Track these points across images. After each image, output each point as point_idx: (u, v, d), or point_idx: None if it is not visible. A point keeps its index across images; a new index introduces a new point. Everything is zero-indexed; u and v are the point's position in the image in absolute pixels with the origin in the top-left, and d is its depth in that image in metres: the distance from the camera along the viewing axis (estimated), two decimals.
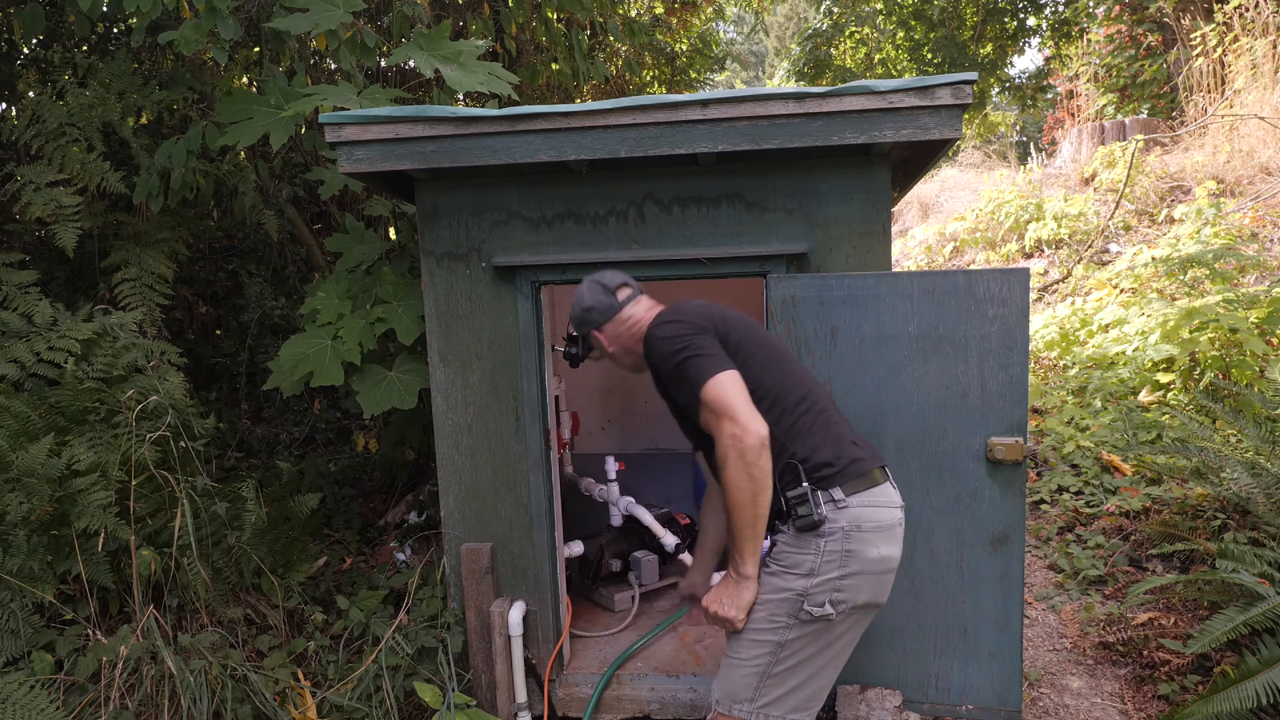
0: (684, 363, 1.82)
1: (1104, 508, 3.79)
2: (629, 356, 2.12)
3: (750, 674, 1.86)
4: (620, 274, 2.14)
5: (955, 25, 12.83)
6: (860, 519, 1.80)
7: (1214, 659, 2.64)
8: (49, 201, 3.26)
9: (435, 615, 2.81)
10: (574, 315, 2.14)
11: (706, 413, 1.78)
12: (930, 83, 2.18)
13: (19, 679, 2.12)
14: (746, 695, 1.87)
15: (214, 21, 3.02)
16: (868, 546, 1.80)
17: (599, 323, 2.09)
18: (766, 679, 1.86)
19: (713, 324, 1.90)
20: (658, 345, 1.89)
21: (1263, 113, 6.99)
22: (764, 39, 22.84)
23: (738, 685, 1.88)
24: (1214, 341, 4.39)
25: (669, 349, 1.86)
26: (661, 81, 8.63)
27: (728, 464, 1.72)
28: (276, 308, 4.53)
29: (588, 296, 2.10)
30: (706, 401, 1.77)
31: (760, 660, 1.85)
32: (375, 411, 2.90)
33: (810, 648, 1.83)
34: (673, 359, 1.84)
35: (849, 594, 1.80)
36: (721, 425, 1.73)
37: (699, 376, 1.79)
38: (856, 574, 1.79)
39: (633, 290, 2.11)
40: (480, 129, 2.36)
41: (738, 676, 1.88)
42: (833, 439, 1.86)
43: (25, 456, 2.49)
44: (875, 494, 1.84)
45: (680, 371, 1.83)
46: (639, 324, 2.06)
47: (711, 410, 1.76)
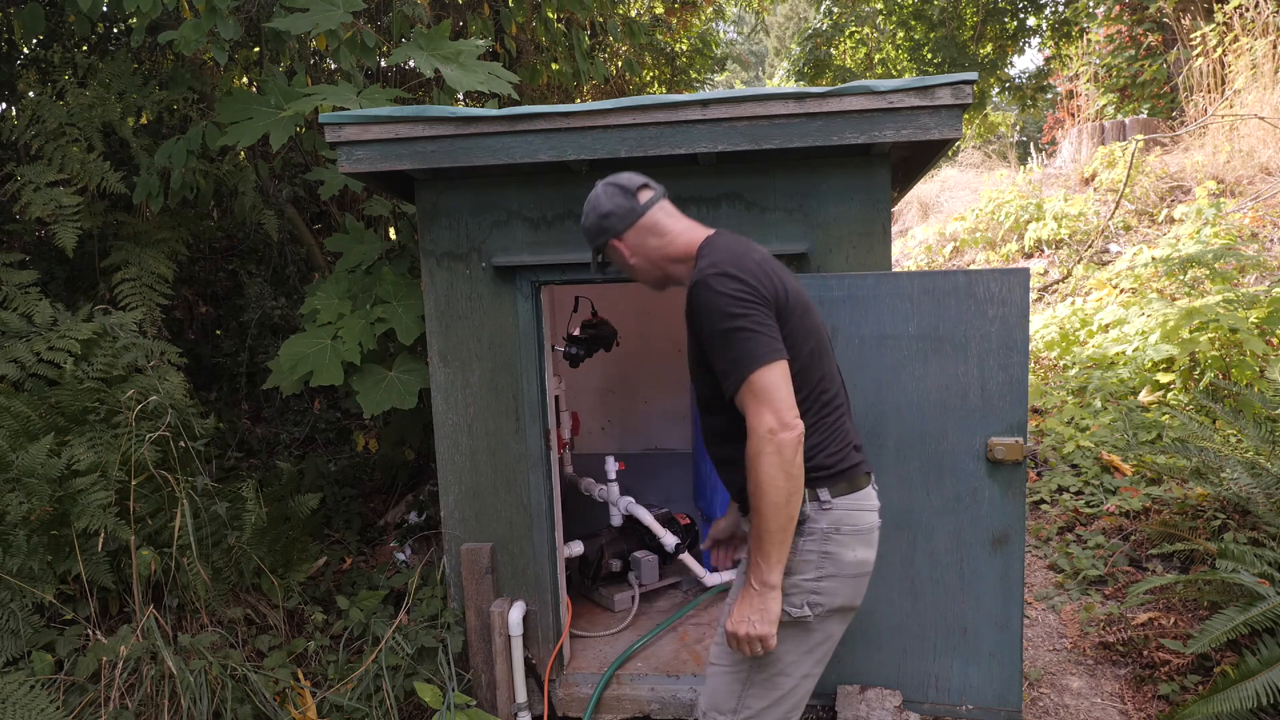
0: (735, 334, 1.65)
1: (1104, 508, 3.79)
2: (654, 272, 1.90)
3: (733, 681, 1.82)
4: (639, 174, 1.93)
5: (955, 25, 12.83)
6: (840, 521, 1.77)
7: (1214, 659, 2.64)
8: (49, 201, 3.25)
9: (435, 615, 2.81)
10: (588, 225, 1.91)
11: (747, 397, 1.65)
12: (930, 83, 2.18)
13: (19, 679, 2.12)
14: (730, 706, 1.82)
15: (214, 21, 3.02)
16: (845, 549, 1.77)
17: (618, 230, 1.86)
18: (749, 687, 1.81)
19: (774, 294, 1.71)
20: (711, 300, 1.67)
21: (1263, 113, 6.99)
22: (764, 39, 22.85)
23: (721, 694, 1.84)
24: (1214, 341, 4.39)
25: (724, 309, 1.66)
26: (661, 81, 8.63)
27: (763, 459, 1.61)
28: (276, 308, 4.52)
29: (604, 201, 1.88)
30: (754, 389, 1.63)
31: (742, 666, 1.81)
32: (375, 411, 2.90)
33: (791, 653, 1.79)
34: (724, 323, 1.66)
35: (826, 596, 1.77)
36: (762, 417, 1.62)
37: (751, 358, 1.63)
38: (833, 576, 1.77)
39: (655, 192, 1.90)
40: (480, 129, 2.36)
41: (721, 684, 1.84)
42: (839, 441, 1.81)
43: (25, 456, 2.49)
44: (858, 498, 1.81)
45: (729, 341, 1.66)
46: (674, 242, 1.86)
47: (755, 397, 1.63)
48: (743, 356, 1.64)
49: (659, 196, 1.89)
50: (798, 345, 1.72)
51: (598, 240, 1.90)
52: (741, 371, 1.64)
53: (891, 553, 2.41)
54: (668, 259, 1.87)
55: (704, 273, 1.70)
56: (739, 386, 1.65)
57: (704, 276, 1.69)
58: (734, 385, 1.66)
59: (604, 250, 1.91)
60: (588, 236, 1.93)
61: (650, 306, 3.99)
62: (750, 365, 1.63)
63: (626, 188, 1.87)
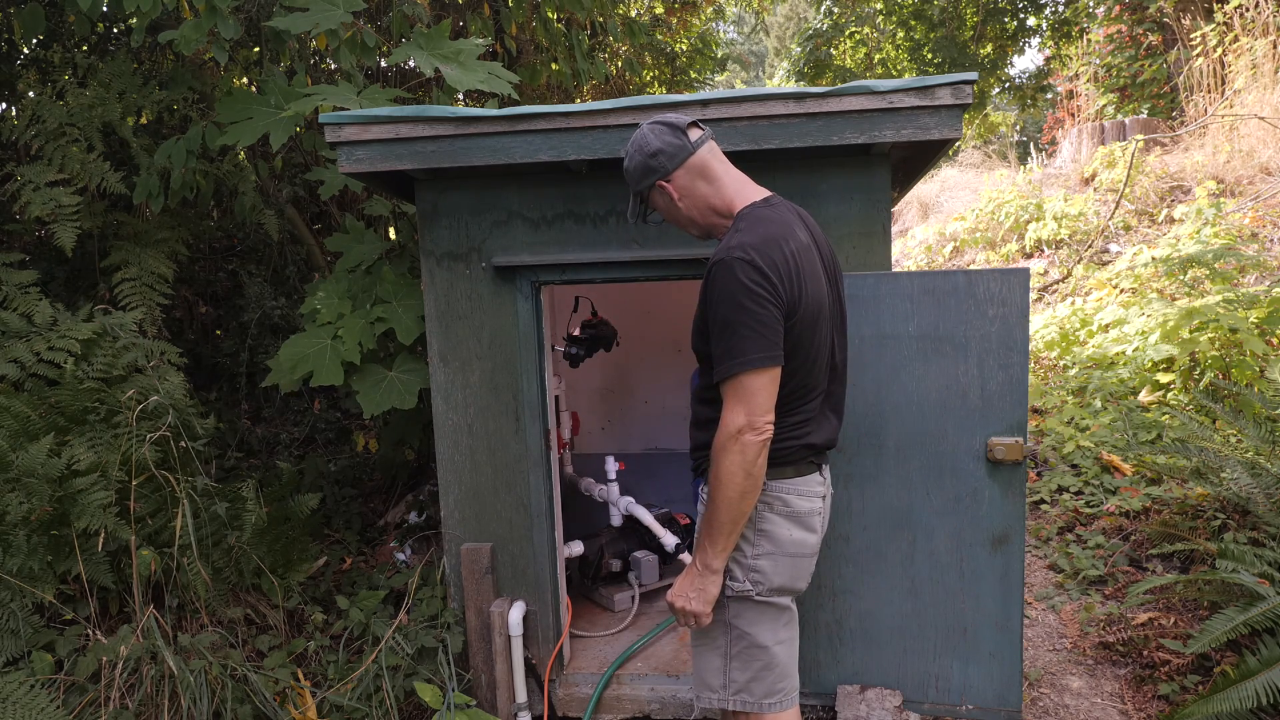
0: (740, 327, 1.63)
1: (1104, 508, 3.79)
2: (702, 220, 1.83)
3: (714, 656, 1.88)
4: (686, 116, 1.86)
5: (955, 25, 12.83)
6: (775, 502, 1.80)
7: (1214, 659, 2.64)
8: (49, 201, 3.25)
9: (435, 615, 2.81)
10: (633, 166, 1.81)
11: (729, 391, 1.66)
12: (930, 83, 2.18)
13: (19, 679, 2.12)
14: (718, 682, 1.88)
15: (214, 21, 3.02)
16: (779, 529, 1.80)
17: (667, 170, 1.78)
18: (730, 661, 1.86)
19: (791, 299, 1.67)
20: (728, 285, 1.64)
21: (1263, 113, 6.98)
22: (764, 39, 22.85)
23: (707, 672, 1.89)
24: (1214, 341, 4.39)
25: (737, 299, 1.63)
26: (661, 81, 8.63)
27: (726, 455, 1.64)
28: (276, 308, 4.52)
29: (652, 139, 1.78)
30: (737, 387, 1.64)
31: (719, 640, 1.86)
32: (375, 412, 2.90)
33: (750, 625, 1.84)
34: (733, 313, 1.63)
35: (765, 574, 1.81)
36: (736, 414, 1.64)
37: (745, 357, 1.63)
38: (770, 554, 1.80)
39: (705, 132, 1.81)
40: (480, 129, 2.36)
41: (705, 663, 1.89)
42: (798, 433, 1.80)
43: (25, 456, 2.49)
44: (799, 482, 1.82)
45: (731, 331, 1.64)
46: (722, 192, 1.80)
47: (736, 395, 1.65)
48: (738, 352, 1.63)
49: (708, 137, 1.81)
50: (790, 355, 1.71)
51: (644, 182, 1.81)
52: (733, 366, 1.65)
53: (891, 553, 2.41)
54: (712, 209, 1.82)
55: (730, 253, 1.65)
56: (724, 379, 1.67)
57: (729, 257, 1.65)
58: (721, 374, 1.68)
59: (648, 195, 1.83)
60: (632, 178, 1.83)
61: (650, 306, 3.99)
62: (742, 364, 1.63)
63: (675, 125, 1.79)
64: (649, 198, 1.85)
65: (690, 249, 2.50)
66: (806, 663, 2.38)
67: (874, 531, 2.41)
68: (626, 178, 1.87)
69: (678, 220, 1.87)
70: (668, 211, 1.86)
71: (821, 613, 2.47)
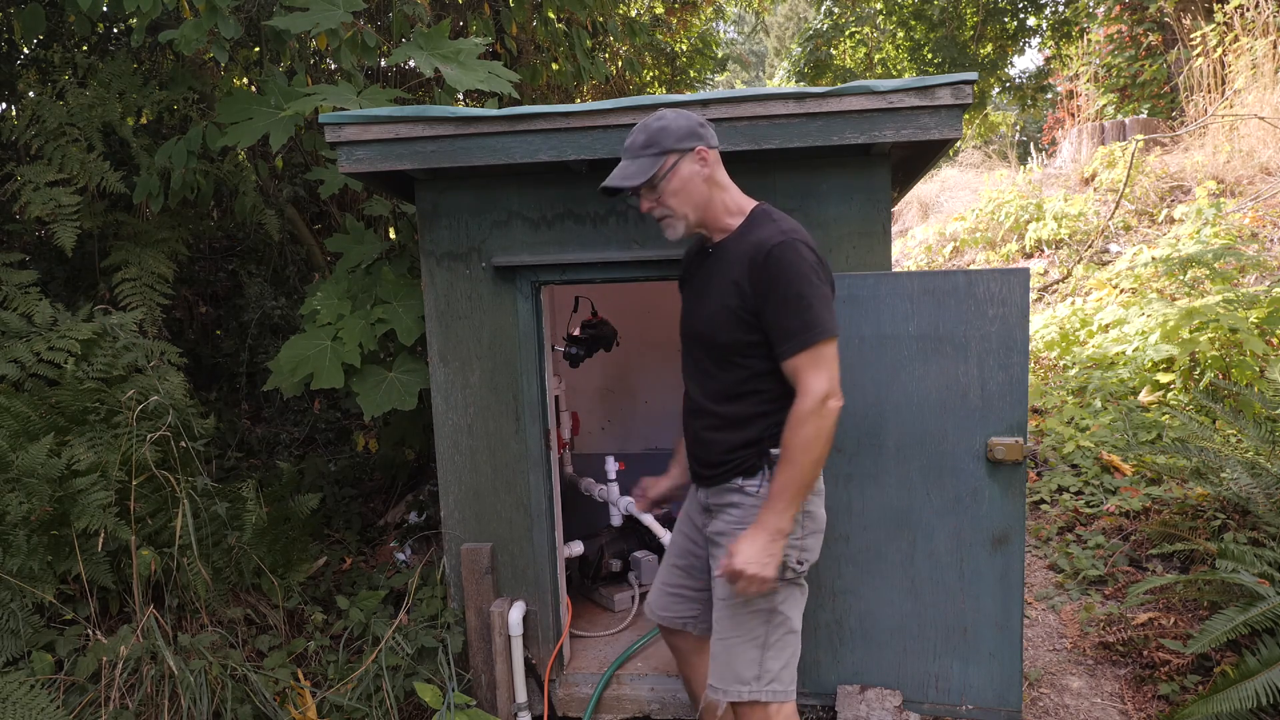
0: (813, 301, 1.75)
1: (1104, 508, 3.79)
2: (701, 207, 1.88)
3: (751, 649, 1.88)
4: None
5: (955, 25, 12.83)
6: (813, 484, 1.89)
7: (1214, 659, 2.64)
8: (49, 201, 3.25)
9: (435, 615, 2.81)
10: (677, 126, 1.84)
11: (808, 361, 1.75)
12: (930, 83, 2.18)
13: (19, 679, 2.12)
14: (752, 674, 1.88)
15: (214, 21, 3.01)
16: (816, 507, 1.92)
17: (710, 142, 1.87)
18: (767, 651, 1.89)
19: (830, 280, 1.85)
20: (797, 263, 1.75)
21: (1263, 113, 6.98)
22: (764, 39, 22.84)
23: (740, 664, 1.89)
24: (1214, 341, 4.38)
25: (806, 275, 1.75)
26: (661, 81, 8.63)
27: (813, 420, 1.73)
28: (276, 308, 4.53)
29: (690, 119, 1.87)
30: (817, 355, 1.75)
31: (758, 632, 1.88)
32: (375, 413, 2.90)
33: (792, 610, 1.90)
34: (805, 288, 1.74)
35: (809, 552, 1.89)
36: (820, 382, 1.74)
37: (823, 327, 1.75)
38: (813, 533, 1.91)
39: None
40: (480, 129, 2.36)
41: (738, 656, 1.89)
42: None
43: (25, 456, 2.49)
44: None
45: (805, 305, 1.74)
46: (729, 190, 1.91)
47: (816, 364, 1.75)
48: (816, 323, 1.75)
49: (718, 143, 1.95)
50: None
51: (687, 142, 1.83)
52: (812, 335, 1.75)
53: (891, 553, 2.41)
54: (719, 204, 1.90)
55: (789, 235, 1.78)
56: (803, 348, 1.75)
57: (790, 239, 1.77)
58: (798, 346, 1.76)
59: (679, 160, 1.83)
60: (671, 136, 1.83)
61: (650, 306, 3.99)
62: (821, 333, 1.75)
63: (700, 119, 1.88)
64: (676, 163, 1.84)
65: None
66: (806, 663, 2.38)
67: (874, 531, 2.41)
68: (658, 135, 1.83)
69: (689, 197, 1.86)
70: (685, 183, 1.85)
71: (821, 613, 2.46)
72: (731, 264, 1.85)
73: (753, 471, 1.90)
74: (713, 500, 2.00)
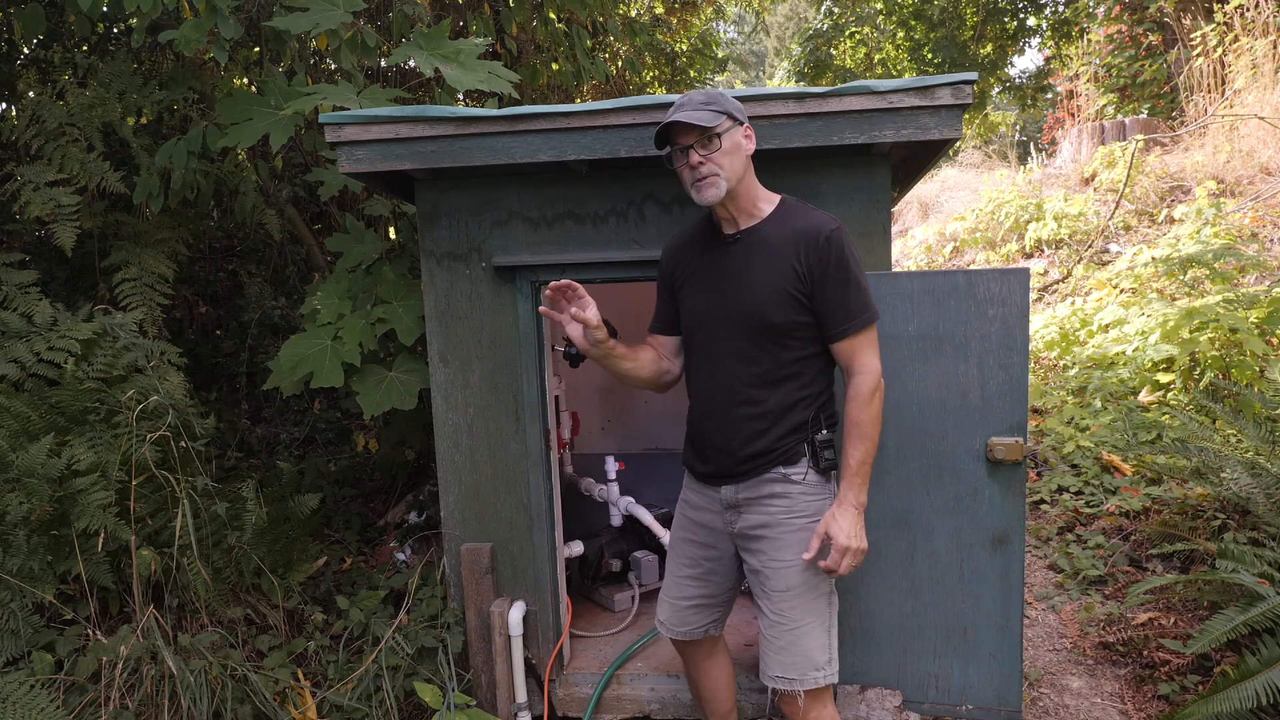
0: (862, 282, 1.90)
1: (1104, 508, 3.79)
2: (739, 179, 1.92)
3: (821, 633, 1.93)
4: None
5: (955, 25, 12.83)
6: None
7: (1214, 659, 2.64)
8: (49, 201, 3.25)
9: (435, 615, 2.81)
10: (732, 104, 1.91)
11: (864, 341, 1.89)
12: (930, 83, 2.17)
13: (19, 679, 2.12)
14: (825, 658, 1.93)
15: (214, 21, 3.01)
16: None
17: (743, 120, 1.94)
18: (831, 630, 1.97)
19: None
20: (852, 249, 1.90)
21: (1263, 113, 6.98)
22: (764, 39, 22.83)
23: (814, 650, 1.92)
24: (1214, 341, 4.39)
25: (859, 260, 1.91)
26: (661, 81, 8.63)
27: (873, 401, 1.87)
28: (276, 308, 4.52)
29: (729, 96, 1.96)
30: (872, 336, 1.90)
31: (825, 615, 1.95)
32: (375, 412, 2.90)
33: (836, 595, 1.99)
34: (859, 273, 1.89)
35: None
36: (875, 362, 1.90)
37: (874, 310, 1.91)
38: None
39: None
40: (480, 129, 2.36)
41: (810, 641, 1.92)
42: None
43: (25, 456, 2.49)
44: None
45: (860, 288, 1.89)
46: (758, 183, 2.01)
47: (870, 344, 1.90)
48: (870, 306, 1.90)
49: None
50: None
51: (740, 113, 1.92)
52: (869, 316, 1.89)
53: (891, 553, 2.41)
54: (754, 186, 1.99)
55: (833, 223, 1.90)
56: (863, 328, 1.89)
57: (838, 226, 1.90)
58: (859, 326, 1.88)
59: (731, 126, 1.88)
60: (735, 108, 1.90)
61: (650, 306, 3.99)
62: (874, 315, 1.91)
63: None
64: (732, 128, 1.88)
65: None
66: None
67: (874, 531, 2.39)
68: (720, 98, 1.89)
69: (734, 164, 1.89)
70: (731, 155, 1.88)
71: None
72: (778, 247, 1.90)
73: (795, 459, 1.93)
74: (746, 494, 1.98)
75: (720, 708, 2.31)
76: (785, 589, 1.92)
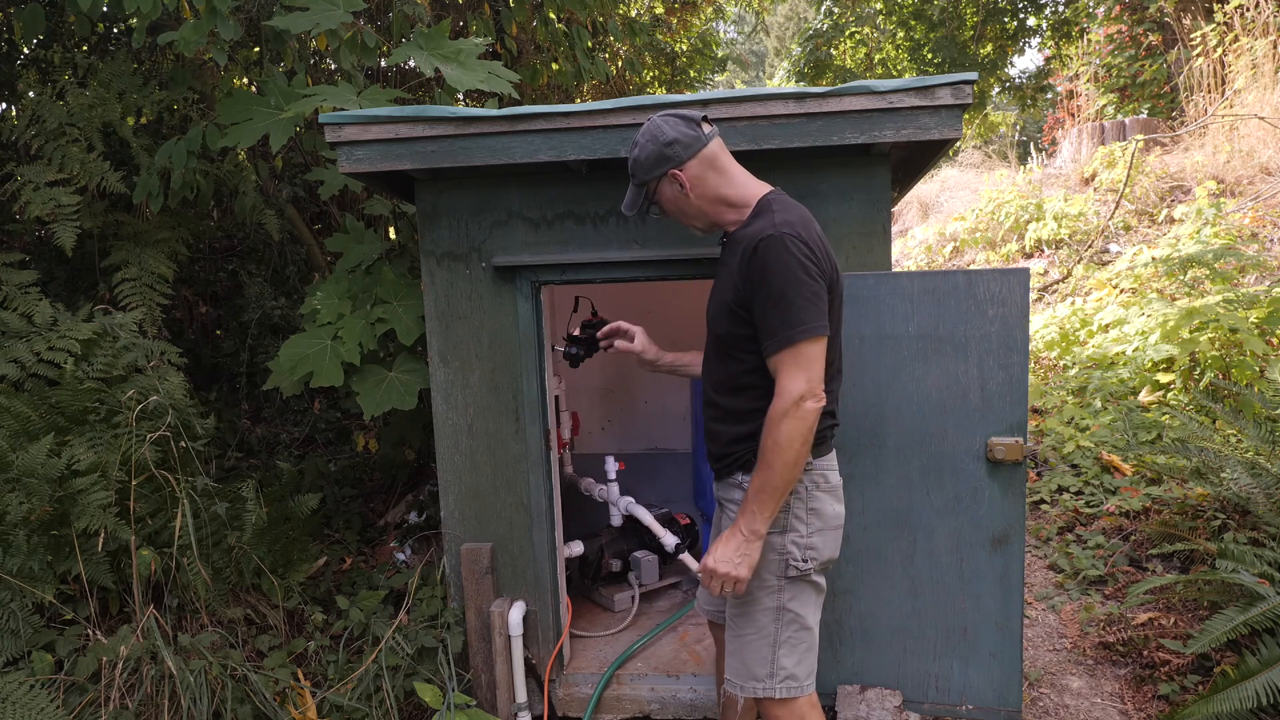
0: (795, 298, 1.70)
1: (1104, 508, 3.79)
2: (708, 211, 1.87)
3: (763, 646, 1.90)
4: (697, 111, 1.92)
5: (955, 25, 12.83)
6: (818, 480, 1.89)
7: (1214, 659, 2.64)
8: (49, 201, 3.25)
9: (435, 615, 2.81)
10: (645, 155, 1.84)
11: (787, 360, 1.71)
12: (930, 83, 2.18)
13: (19, 679, 2.12)
14: (764, 671, 1.90)
15: (214, 22, 3.01)
16: (825, 504, 1.90)
17: (682, 159, 1.82)
18: (779, 648, 1.90)
19: (829, 273, 1.78)
20: (782, 258, 1.70)
21: (1263, 113, 6.98)
22: (764, 39, 22.84)
23: (752, 662, 1.90)
24: (1214, 341, 4.39)
25: (791, 271, 1.69)
26: (661, 81, 8.63)
27: (787, 421, 1.69)
28: (276, 308, 4.53)
29: (667, 129, 1.83)
30: (797, 355, 1.70)
31: (769, 629, 1.89)
32: (375, 412, 2.90)
33: (802, 607, 1.90)
34: (788, 285, 1.70)
35: (816, 550, 1.88)
36: (796, 382, 1.70)
37: (803, 325, 1.69)
38: (820, 530, 1.89)
39: (714, 128, 1.89)
40: (480, 129, 2.36)
41: (750, 653, 1.91)
42: (830, 409, 1.90)
43: (25, 456, 2.49)
44: (830, 459, 1.94)
45: (786, 302, 1.70)
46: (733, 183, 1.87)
47: (795, 363, 1.71)
48: (795, 321, 1.70)
49: (716, 132, 1.88)
50: (832, 325, 1.80)
51: (655, 170, 1.84)
52: (791, 335, 1.70)
53: (891, 553, 2.41)
54: (723, 199, 1.87)
55: (780, 229, 1.72)
56: (782, 348, 1.72)
57: (780, 233, 1.71)
58: (778, 345, 1.72)
59: (657, 185, 1.86)
60: (643, 167, 1.86)
61: (650, 306, 3.99)
62: (801, 332, 1.70)
63: (689, 117, 1.85)
64: (657, 188, 1.89)
65: (690, 249, 2.50)
66: None
67: (874, 531, 2.41)
68: (634, 168, 1.89)
69: (683, 212, 1.91)
70: (674, 202, 1.89)
71: (821, 613, 2.46)
72: (733, 256, 1.85)
73: (750, 467, 1.90)
74: (721, 494, 2.01)
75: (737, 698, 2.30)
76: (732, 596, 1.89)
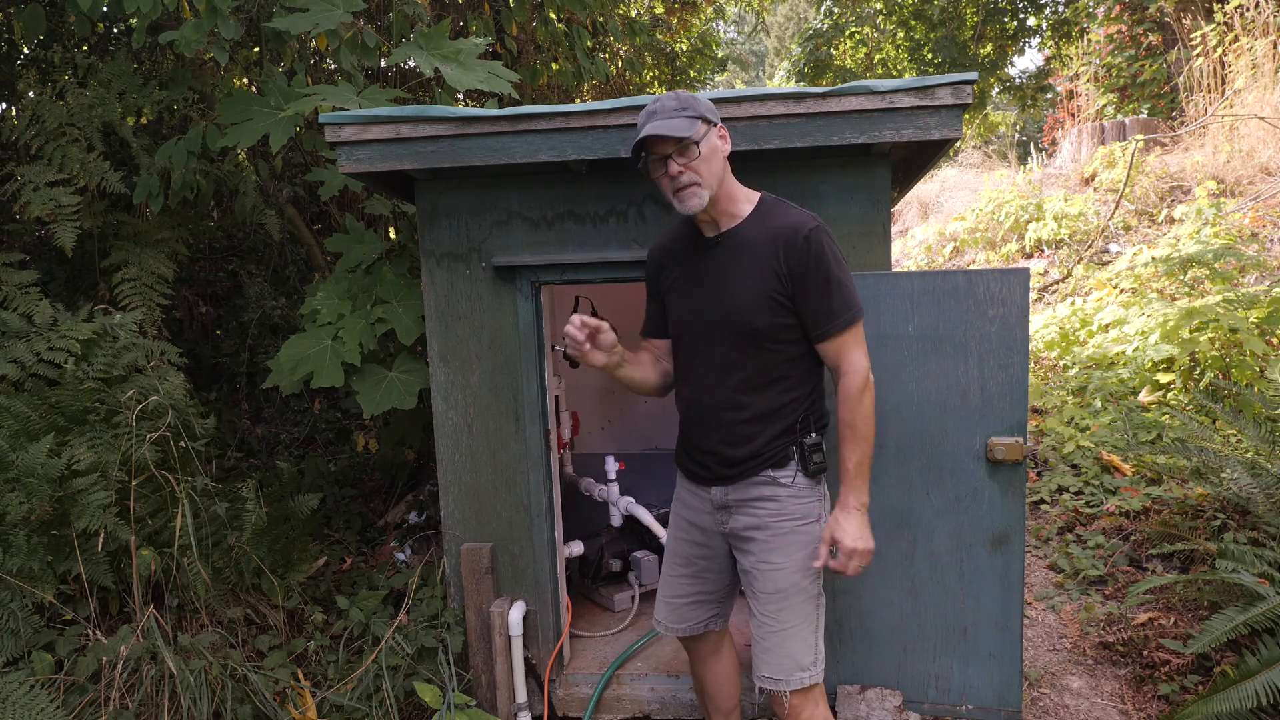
0: (846, 284, 1.87)
1: (1104, 508, 3.79)
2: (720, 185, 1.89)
3: (808, 634, 1.94)
4: None
5: (955, 25, 12.83)
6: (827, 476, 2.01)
7: (1214, 659, 2.64)
8: (49, 201, 3.25)
9: (435, 615, 2.81)
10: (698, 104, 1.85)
11: (850, 339, 1.86)
12: (930, 83, 2.18)
13: (19, 679, 2.12)
14: (810, 658, 1.94)
15: (214, 21, 3.01)
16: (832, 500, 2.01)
17: (717, 121, 1.89)
18: (818, 633, 1.97)
19: None
20: (831, 248, 1.85)
21: (1263, 113, 6.98)
22: (764, 39, 22.83)
23: (799, 652, 1.93)
24: (1214, 341, 4.39)
25: (840, 259, 1.87)
26: (661, 81, 8.63)
27: (866, 395, 1.84)
28: (276, 308, 4.53)
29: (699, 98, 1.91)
30: (856, 333, 1.86)
31: (812, 617, 1.95)
32: (375, 412, 2.89)
33: (824, 596, 2.00)
34: (840, 272, 1.86)
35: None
36: (861, 358, 1.86)
37: (859, 307, 1.88)
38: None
39: None
40: (480, 129, 2.36)
41: (797, 643, 1.93)
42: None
43: (25, 456, 2.49)
44: None
45: (843, 287, 1.85)
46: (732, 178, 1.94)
47: (857, 341, 1.87)
48: (852, 303, 1.86)
49: None
50: None
51: (713, 114, 1.88)
52: (853, 315, 1.86)
53: (891, 553, 2.41)
54: (733, 187, 1.95)
55: (813, 221, 1.87)
56: (847, 327, 1.85)
57: (818, 225, 1.86)
58: (842, 325, 1.85)
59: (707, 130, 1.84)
60: (706, 109, 1.86)
61: None
62: (858, 313, 1.87)
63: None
64: (708, 132, 1.85)
65: None
66: None
67: (874, 531, 2.39)
68: (693, 101, 1.85)
69: (714, 169, 1.86)
70: (713, 154, 1.86)
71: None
72: (758, 249, 1.87)
73: (784, 462, 1.93)
74: (735, 496, 1.98)
75: (723, 704, 2.31)
76: (773, 591, 1.93)
